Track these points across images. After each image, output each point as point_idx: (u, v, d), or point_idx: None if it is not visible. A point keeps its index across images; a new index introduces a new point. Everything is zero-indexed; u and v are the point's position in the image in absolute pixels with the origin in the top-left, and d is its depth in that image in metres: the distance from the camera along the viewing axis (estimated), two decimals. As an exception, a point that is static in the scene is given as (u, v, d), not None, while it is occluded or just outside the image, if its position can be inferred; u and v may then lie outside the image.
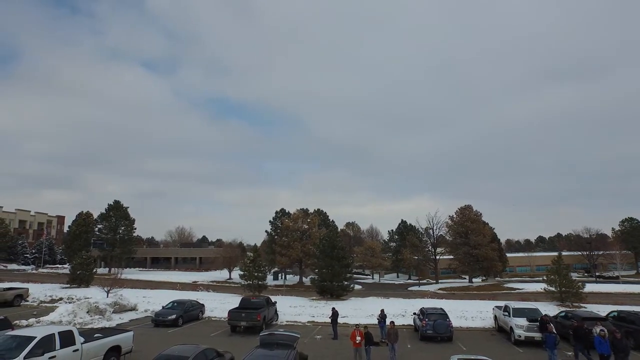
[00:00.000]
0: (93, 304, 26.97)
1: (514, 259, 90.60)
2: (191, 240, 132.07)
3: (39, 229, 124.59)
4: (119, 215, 72.11)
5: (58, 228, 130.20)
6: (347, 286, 42.25)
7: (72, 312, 25.40)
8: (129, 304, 30.24)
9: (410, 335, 23.86)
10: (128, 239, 72.67)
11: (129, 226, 73.13)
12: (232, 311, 24.18)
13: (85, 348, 14.12)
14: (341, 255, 43.36)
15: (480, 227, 65.37)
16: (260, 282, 40.75)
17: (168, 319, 24.95)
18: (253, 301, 26.03)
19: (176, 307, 26.43)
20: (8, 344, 12.51)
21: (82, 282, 43.78)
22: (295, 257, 61.06)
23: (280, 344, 14.43)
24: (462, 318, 28.42)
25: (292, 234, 61.89)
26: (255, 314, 23.52)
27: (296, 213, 65.43)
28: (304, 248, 60.05)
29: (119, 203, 72.95)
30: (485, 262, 63.07)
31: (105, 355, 14.91)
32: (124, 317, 27.52)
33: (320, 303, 36.70)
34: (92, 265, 46.83)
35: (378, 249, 77.87)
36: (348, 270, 44.27)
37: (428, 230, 71.89)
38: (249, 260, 43.54)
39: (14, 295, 32.88)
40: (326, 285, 41.47)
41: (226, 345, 17.80)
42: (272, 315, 26.99)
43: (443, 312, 23.50)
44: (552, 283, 36.04)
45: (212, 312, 29.76)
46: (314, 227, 63.28)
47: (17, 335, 13.15)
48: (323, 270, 42.34)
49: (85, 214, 74.66)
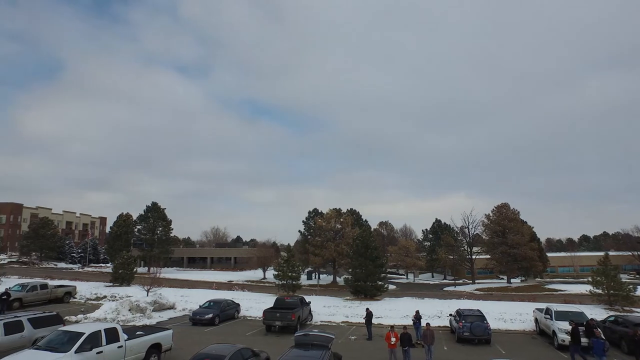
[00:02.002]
0: (134, 302, 27.99)
1: (556, 258, 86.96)
2: (226, 240, 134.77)
3: (83, 230, 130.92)
4: (156, 216, 74.42)
5: (100, 229, 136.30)
6: (381, 286, 41.90)
7: (115, 309, 26.45)
8: (167, 303, 31.14)
9: (446, 337, 23.40)
10: (166, 239, 74.87)
11: (167, 227, 75.33)
12: (267, 311, 24.45)
13: (128, 345, 14.66)
14: (375, 255, 43.03)
15: (518, 225, 63.24)
16: (294, 282, 41.03)
17: (205, 317, 25.51)
18: (287, 301, 26.22)
19: (213, 307, 26.97)
20: (60, 339, 13.35)
21: (123, 281, 45.56)
22: (328, 257, 61.12)
23: (315, 345, 14.47)
24: (501, 320, 27.59)
25: (325, 233, 61.99)
26: (289, 313, 23.69)
27: (329, 213, 65.45)
28: (338, 248, 60.01)
29: (156, 205, 75.26)
30: (524, 262, 60.93)
31: (147, 352, 15.41)
32: (163, 315, 28.36)
33: (354, 303, 36.55)
34: (132, 264, 48.62)
35: (412, 249, 76.80)
36: (382, 270, 43.89)
37: (463, 229, 70.30)
38: (282, 260, 43.94)
39: (64, 292, 34.60)
40: (360, 285, 41.28)
41: (261, 345, 18.04)
42: (307, 315, 27.11)
43: (480, 314, 22.89)
44: (599, 285, 34.14)
45: (248, 311, 30.20)
46: (347, 226, 63.11)
47: (68, 331, 13.97)
48: (357, 270, 42.17)
49: (125, 215, 77.57)
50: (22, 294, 30.97)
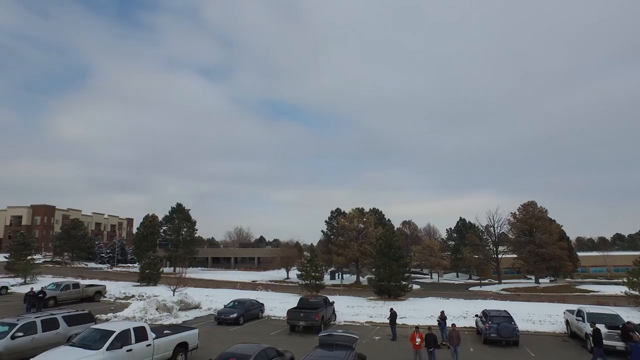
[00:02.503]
0: (161, 301, 28.61)
1: (587, 258, 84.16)
2: (249, 241, 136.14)
3: (111, 231, 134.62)
4: (181, 217, 75.81)
5: (128, 230, 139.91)
6: (405, 286, 41.54)
7: (143, 308, 27.09)
8: (193, 302, 31.67)
9: (472, 338, 22.97)
10: (190, 240, 76.18)
11: (191, 227, 76.66)
12: (290, 311, 24.55)
13: (156, 343, 15.00)
14: (398, 254, 42.70)
15: (546, 224, 61.59)
16: (317, 282, 41.11)
17: (230, 317, 25.83)
18: (311, 301, 26.26)
19: (237, 306, 27.28)
20: (93, 336, 13.88)
21: (150, 281, 46.66)
22: (351, 257, 61.01)
23: (339, 345, 14.47)
24: (529, 321, 26.88)
25: (348, 233, 61.92)
26: (313, 313, 23.74)
27: (352, 212, 65.32)
28: (361, 247, 59.84)
29: (181, 206, 76.67)
30: (552, 261, 59.28)
31: (174, 350, 15.74)
32: (189, 314, 28.82)
33: (378, 303, 36.36)
34: (158, 265, 49.75)
35: (436, 248, 75.86)
36: (406, 269, 43.49)
37: (489, 228, 68.88)
38: (306, 260, 44.08)
39: (94, 291, 35.73)
40: (384, 285, 41.04)
41: (286, 345, 18.15)
42: (330, 315, 27.12)
43: (508, 315, 22.36)
44: (635, 286, 32.59)
45: (272, 311, 30.41)
46: (370, 226, 62.84)
47: (99, 329, 14.49)
48: (380, 270, 41.95)
49: (151, 216, 79.41)
50: (56, 293, 32.19)
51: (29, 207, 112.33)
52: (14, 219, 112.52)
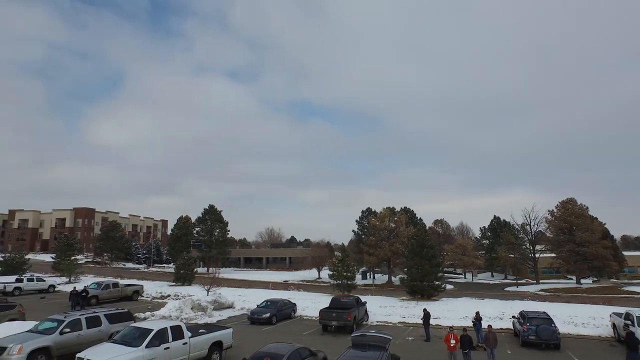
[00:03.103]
0: (196, 301, 29.23)
1: (635, 258, 79.57)
2: (280, 241, 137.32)
3: (147, 232, 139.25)
4: (214, 218, 77.37)
5: (162, 231, 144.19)
6: (438, 286, 40.84)
7: (178, 308, 27.76)
8: (226, 302, 32.20)
9: (509, 340, 22.24)
10: (223, 241, 77.64)
11: (223, 228, 78.12)
12: (323, 311, 24.53)
13: (192, 342, 15.35)
14: (431, 254, 42.03)
15: (587, 222, 58.99)
16: (349, 282, 40.98)
17: (263, 317, 26.09)
18: (343, 301, 26.15)
19: (270, 306, 27.51)
20: (133, 334, 14.41)
21: (185, 281, 47.90)
22: (383, 257, 60.53)
23: (372, 345, 14.34)
24: (571, 324, 25.79)
25: (379, 233, 61.47)
26: (345, 313, 23.65)
27: (382, 212, 64.81)
28: (392, 247, 59.28)
29: (213, 207, 78.24)
30: (595, 261, 56.68)
31: (209, 349, 16.04)
32: (223, 314, 29.33)
33: (411, 303, 35.90)
34: (192, 265, 51.01)
35: (470, 247, 74.13)
36: (439, 269, 42.78)
37: (525, 226, 66.70)
38: (337, 260, 44.03)
39: (133, 291, 36.98)
40: (416, 285, 40.50)
41: (318, 344, 18.16)
42: (363, 315, 26.95)
43: (547, 316, 21.44)
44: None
45: (304, 311, 30.51)
46: (401, 225, 62.14)
47: (138, 327, 15.01)
48: (412, 270, 41.43)
49: (184, 217, 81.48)
50: (97, 292, 33.57)
51: (72, 210, 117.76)
52: (58, 221, 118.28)
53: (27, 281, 40.34)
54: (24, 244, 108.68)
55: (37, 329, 16.18)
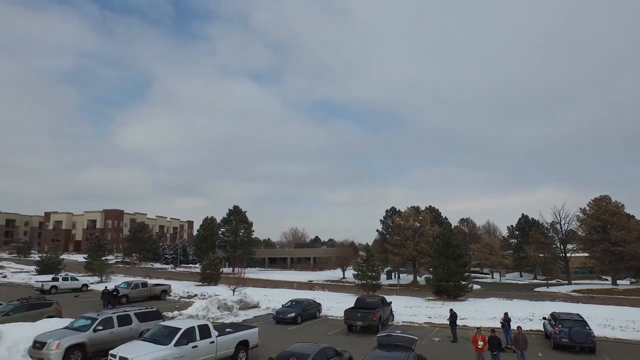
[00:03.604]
0: (222, 300, 29.65)
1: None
2: (304, 241, 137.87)
3: (174, 233, 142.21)
4: (238, 219, 78.30)
5: (188, 232, 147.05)
6: (464, 286, 40.15)
7: (205, 307, 28.21)
8: (252, 302, 32.54)
9: (539, 342, 21.65)
10: (247, 241, 78.45)
11: (248, 229, 78.96)
12: (347, 311, 24.49)
13: (219, 341, 15.59)
14: (457, 253, 41.37)
15: (622, 220, 56.59)
16: (374, 282, 40.77)
17: (288, 316, 26.24)
18: (368, 301, 26.05)
19: (295, 306, 27.66)
20: (162, 332, 14.76)
21: (211, 281, 48.68)
22: (408, 256, 59.91)
23: (398, 346, 14.22)
24: (607, 327, 24.79)
25: (404, 232, 60.86)
26: (370, 313, 23.53)
27: (407, 211, 64.17)
28: (417, 247, 58.62)
29: (238, 208, 79.19)
30: (633, 261, 54.28)
31: (236, 348, 16.25)
32: (249, 313, 29.65)
33: (437, 303, 35.43)
34: (218, 265, 51.81)
35: (497, 246, 72.43)
36: (465, 269, 42.02)
37: (555, 224, 64.64)
38: (362, 259, 43.85)
39: (161, 290, 37.86)
40: (442, 285, 39.94)
41: (343, 344, 18.12)
42: (388, 315, 26.77)
43: (581, 319, 20.70)
44: None
45: (329, 310, 30.51)
46: (427, 224, 61.36)
47: (167, 326, 15.37)
48: (438, 270, 40.89)
49: (210, 218, 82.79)
50: (127, 291, 34.51)
51: (102, 212, 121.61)
52: (89, 222, 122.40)
53: (63, 280, 41.91)
54: (58, 244, 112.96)
55: (73, 326, 16.83)
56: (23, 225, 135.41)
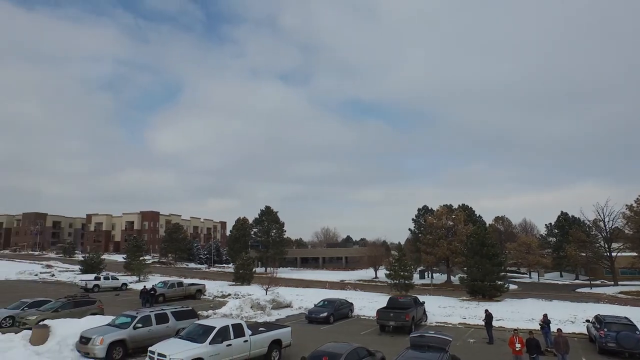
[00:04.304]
0: (255, 300, 30.06)
1: None
2: (336, 240, 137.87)
3: (207, 233, 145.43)
4: (270, 219, 79.18)
5: (222, 232, 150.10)
6: (500, 286, 39.07)
7: (239, 306, 28.70)
8: (284, 301, 32.80)
9: (583, 346, 20.67)
10: (279, 241, 79.20)
11: (280, 229, 79.69)
12: (380, 310, 24.31)
13: (253, 340, 15.84)
14: (492, 252, 40.30)
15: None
16: (406, 281, 40.35)
17: (320, 316, 26.29)
18: (401, 301, 25.76)
19: (327, 306, 27.69)
20: (197, 331, 15.20)
21: (244, 280, 49.49)
22: (441, 256, 58.85)
23: (432, 347, 14.01)
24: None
25: (436, 231, 59.81)
26: (403, 313, 23.26)
27: (439, 210, 63.02)
28: (450, 246, 57.48)
29: (269, 208, 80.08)
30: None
31: (269, 347, 16.44)
32: (281, 313, 29.90)
33: (472, 304, 34.66)
34: (251, 265, 52.62)
35: (534, 245, 69.96)
36: (501, 268, 40.87)
37: (597, 222, 61.63)
38: (394, 259, 43.45)
39: (196, 290, 38.81)
40: (477, 285, 39.03)
41: (376, 344, 18.00)
42: (421, 315, 26.39)
43: (630, 322, 19.52)
44: None
45: (361, 310, 30.41)
46: (460, 223, 60.02)
47: (202, 324, 15.80)
48: (473, 269, 39.99)
49: (242, 219, 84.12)
50: (164, 290, 35.60)
51: (139, 214, 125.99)
52: (127, 224, 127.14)
53: (104, 279, 43.78)
54: (99, 245, 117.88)
55: (115, 323, 17.58)
56: (68, 226, 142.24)
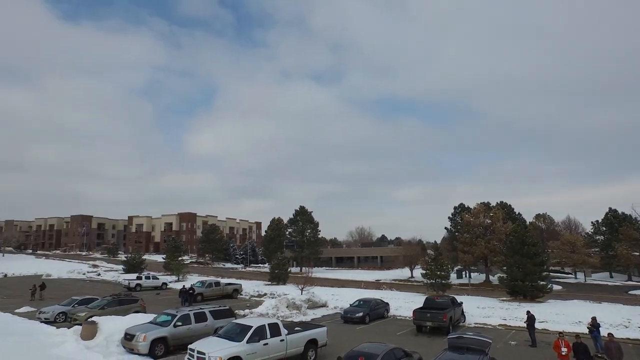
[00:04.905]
0: (291, 300, 30.30)
1: None
2: (371, 240, 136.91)
3: (243, 234, 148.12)
4: (304, 219, 79.65)
5: (257, 232, 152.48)
6: (543, 287, 37.57)
7: (275, 306, 29.01)
8: (320, 301, 32.90)
9: (638, 352, 19.43)
10: (314, 241, 79.54)
11: (314, 229, 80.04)
12: (417, 311, 23.94)
13: (289, 339, 15.98)
14: (533, 251, 38.83)
15: None
16: (443, 281, 39.56)
17: (356, 316, 26.17)
18: (438, 301, 25.25)
19: (363, 305, 27.53)
20: (234, 330, 15.50)
21: (279, 280, 50.01)
22: (479, 255, 57.25)
23: (470, 349, 13.63)
24: None
25: (473, 229, 58.24)
26: (441, 314, 22.81)
27: (477, 207, 61.33)
28: (488, 245, 55.82)
29: (304, 208, 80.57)
30: None
31: (305, 346, 16.53)
32: (317, 312, 29.99)
33: (512, 305, 33.53)
34: (286, 265, 53.08)
35: (580, 244, 66.71)
36: (543, 268, 39.29)
37: (652, 219, 58.16)
38: (430, 258, 42.70)
39: (232, 289, 39.55)
40: (517, 285, 37.73)
41: (412, 345, 17.73)
42: (459, 316, 25.78)
43: None
44: None
45: (397, 310, 30.07)
46: (498, 221, 58.16)
47: (239, 324, 16.10)
48: (513, 269, 38.67)
49: (277, 219, 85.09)
50: (202, 290, 36.53)
51: (177, 215, 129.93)
52: (166, 225, 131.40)
53: (145, 279, 45.48)
54: (140, 245, 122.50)
55: (156, 321, 18.23)
56: (111, 228, 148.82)
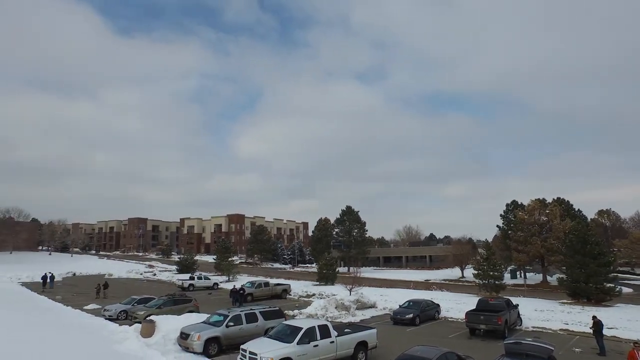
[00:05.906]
0: (339, 300, 30.22)
1: None
2: (419, 239, 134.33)
3: (290, 234, 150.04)
4: (351, 219, 79.37)
5: (304, 233, 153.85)
6: (610, 289, 35.03)
7: (323, 307, 29.05)
8: (368, 302, 32.55)
9: None
10: (361, 241, 79.04)
11: (361, 228, 79.55)
12: (469, 313, 23.09)
13: (339, 341, 15.91)
14: (597, 251, 36.37)
15: None
16: (496, 282, 38.04)
17: (406, 317, 25.67)
18: (492, 303, 24.19)
19: (413, 307, 26.96)
20: (285, 331, 15.64)
21: (328, 280, 50.11)
22: (535, 254, 54.43)
23: (530, 355, 12.81)
24: None
25: (528, 227, 55.47)
26: (495, 317, 21.84)
27: (531, 204, 58.35)
28: (545, 243, 52.94)
29: (350, 208, 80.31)
30: None
31: (355, 348, 16.38)
32: (366, 313, 29.66)
33: (575, 308, 31.60)
34: (334, 265, 53.13)
35: (652, 242, 61.71)
36: (609, 269, 36.66)
37: None
38: (482, 257, 41.16)
39: (281, 289, 40.06)
40: (579, 287, 35.51)
41: (465, 349, 17.10)
42: (515, 319, 24.56)
43: None
44: None
45: (448, 312, 29.20)
46: (555, 218, 55.02)
47: (290, 325, 16.21)
48: (574, 269, 36.44)
49: (324, 219, 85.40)
50: (252, 290, 37.30)
51: (226, 217, 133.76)
52: (216, 227, 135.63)
53: (198, 279, 47.16)
54: (192, 246, 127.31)
55: (209, 321, 18.73)
56: (164, 230, 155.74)
